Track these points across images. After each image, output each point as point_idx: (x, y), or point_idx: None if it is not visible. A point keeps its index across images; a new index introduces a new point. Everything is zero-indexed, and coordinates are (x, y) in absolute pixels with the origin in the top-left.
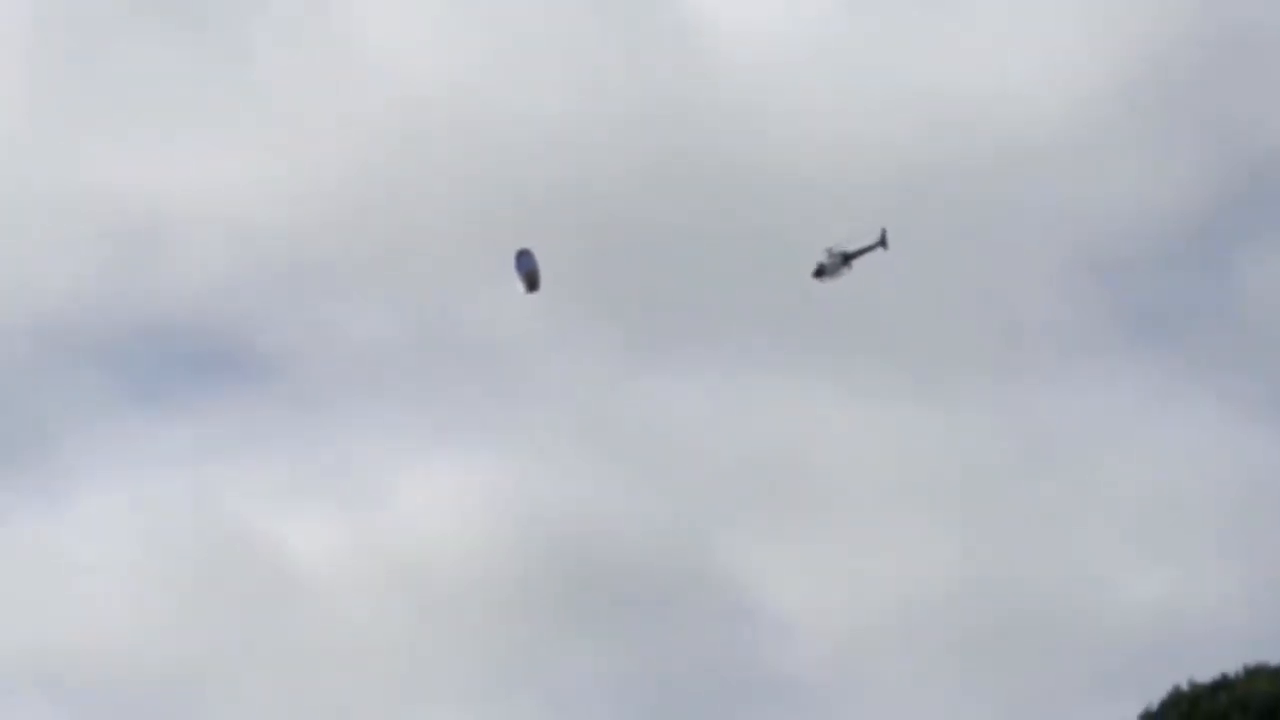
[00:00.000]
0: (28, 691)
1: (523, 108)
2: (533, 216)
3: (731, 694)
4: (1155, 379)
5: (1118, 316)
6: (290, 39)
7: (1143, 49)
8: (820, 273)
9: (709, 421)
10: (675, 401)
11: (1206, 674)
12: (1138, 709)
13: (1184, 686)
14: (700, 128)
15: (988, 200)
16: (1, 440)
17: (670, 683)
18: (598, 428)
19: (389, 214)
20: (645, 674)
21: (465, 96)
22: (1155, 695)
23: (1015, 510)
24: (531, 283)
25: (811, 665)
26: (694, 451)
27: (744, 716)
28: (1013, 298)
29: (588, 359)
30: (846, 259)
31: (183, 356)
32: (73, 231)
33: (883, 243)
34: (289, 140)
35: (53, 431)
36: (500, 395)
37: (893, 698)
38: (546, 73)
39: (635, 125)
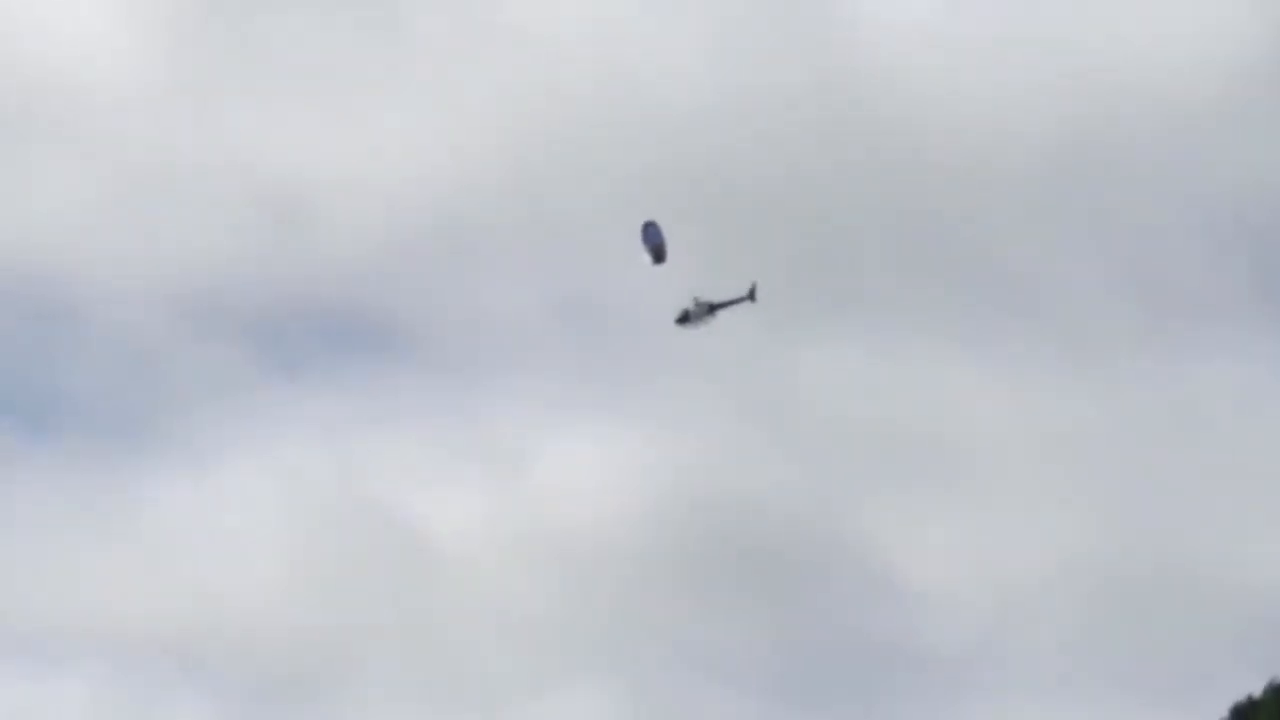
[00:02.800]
0: (168, 665)
1: (673, 83)
2: (680, 190)
3: (872, 665)
4: None
5: (1268, 285)
6: (444, 10)
7: None
8: (685, 319)
9: (852, 392)
10: (819, 372)
11: None
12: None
13: None
14: (850, 99)
15: (1137, 168)
16: (145, 413)
17: (811, 655)
18: (740, 399)
19: (535, 187)
20: (786, 646)
21: (616, 71)
22: None
23: (1159, 480)
24: (658, 255)
25: (954, 638)
26: (837, 422)
27: (884, 688)
28: (1161, 266)
29: (731, 330)
30: (712, 309)
31: (326, 329)
32: (218, 203)
33: (751, 296)
34: (439, 113)
35: (196, 404)
36: (643, 367)
37: (1033, 669)
38: (700, 50)
39: (787, 99)
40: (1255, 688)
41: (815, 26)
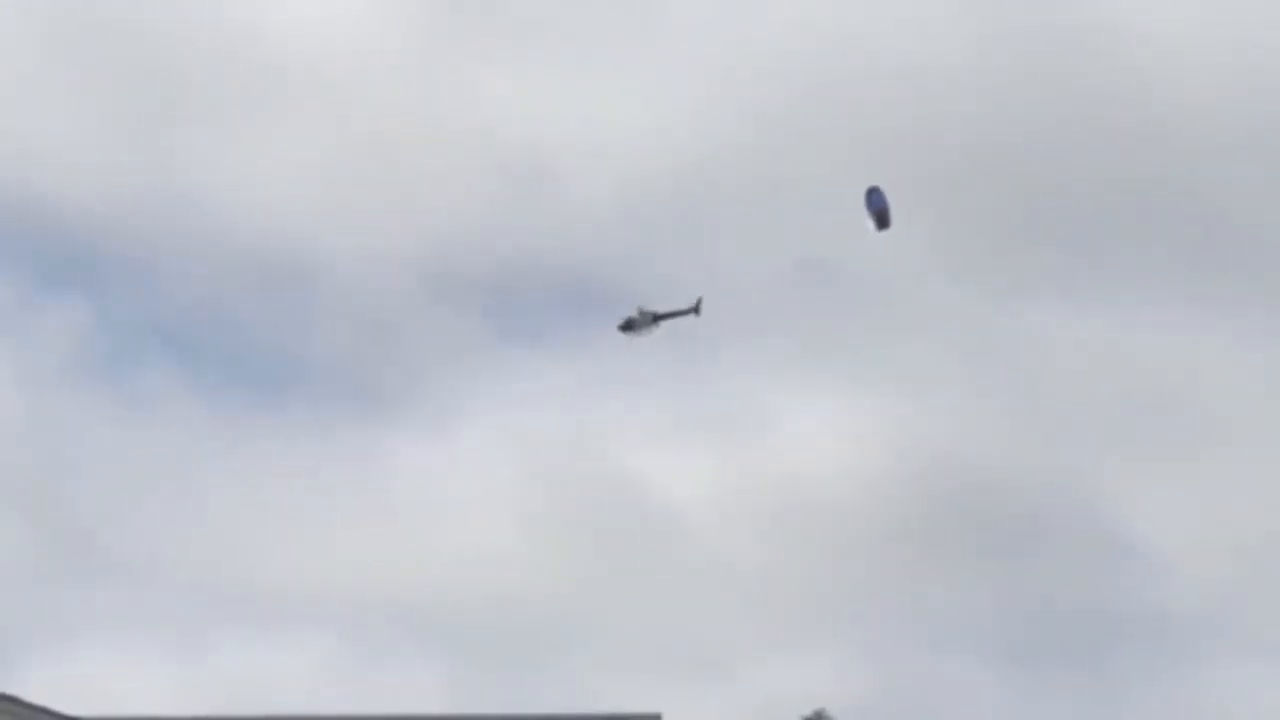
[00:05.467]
0: (402, 630)
1: (907, 46)
2: (916, 152)
3: (1107, 629)
4: None
5: None
6: None
7: None
8: (629, 327)
9: (1089, 354)
10: (1056, 334)
11: None
12: None
13: None
14: (1085, 61)
15: None
16: (383, 378)
17: (1046, 619)
18: (977, 361)
19: (770, 151)
20: (1021, 611)
21: (850, 36)
22: None
23: None
24: (882, 221)
25: (1192, 601)
26: (1074, 384)
27: (1120, 651)
28: None
29: (968, 293)
30: (656, 319)
31: (564, 294)
32: (457, 166)
33: (695, 309)
34: (680, 78)
35: (433, 369)
36: (879, 331)
37: (1272, 633)
38: (932, 11)
39: (1020, 63)
40: None
41: None
